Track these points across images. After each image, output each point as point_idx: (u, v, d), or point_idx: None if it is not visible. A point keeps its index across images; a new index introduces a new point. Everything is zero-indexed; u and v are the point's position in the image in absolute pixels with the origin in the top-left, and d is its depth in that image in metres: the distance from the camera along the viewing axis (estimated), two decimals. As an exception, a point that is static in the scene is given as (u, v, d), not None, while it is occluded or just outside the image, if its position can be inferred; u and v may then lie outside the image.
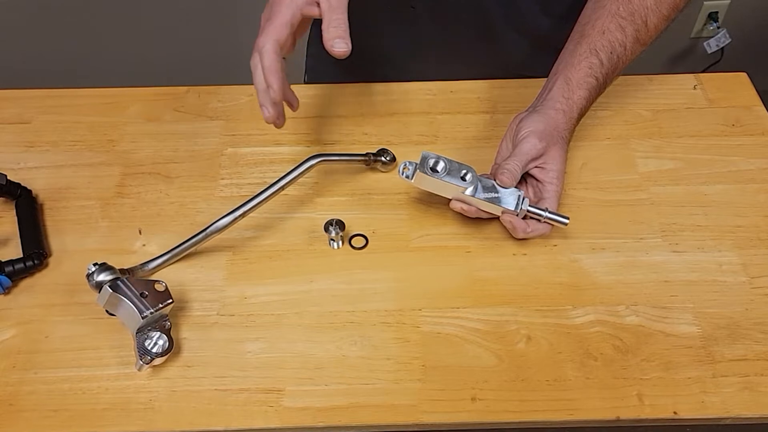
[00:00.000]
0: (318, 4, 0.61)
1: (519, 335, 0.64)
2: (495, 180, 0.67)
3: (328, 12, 0.61)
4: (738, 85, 0.85)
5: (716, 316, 0.65)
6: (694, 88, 0.85)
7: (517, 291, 0.67)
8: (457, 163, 0.66)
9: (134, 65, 1.77)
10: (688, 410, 0.59)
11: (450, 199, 0.68)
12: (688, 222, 0.72)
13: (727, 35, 1.79)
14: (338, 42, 0.61)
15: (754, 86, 0.85)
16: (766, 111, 0.82)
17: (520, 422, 0.59)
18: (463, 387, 0.61)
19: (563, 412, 0.59)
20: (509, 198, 0.67)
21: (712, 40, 1.81)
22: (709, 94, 0.84)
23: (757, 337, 0.63)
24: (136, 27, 1.73)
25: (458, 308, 0.66)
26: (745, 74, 0.86)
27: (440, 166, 0.65)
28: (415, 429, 0.60)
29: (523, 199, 0.66)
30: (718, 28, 1.80)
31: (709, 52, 1.83)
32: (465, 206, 0.67)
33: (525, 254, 0.70)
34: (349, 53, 0.61)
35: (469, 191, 0.66)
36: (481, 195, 0.66)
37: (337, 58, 0.61)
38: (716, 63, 1.86)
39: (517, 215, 0.67)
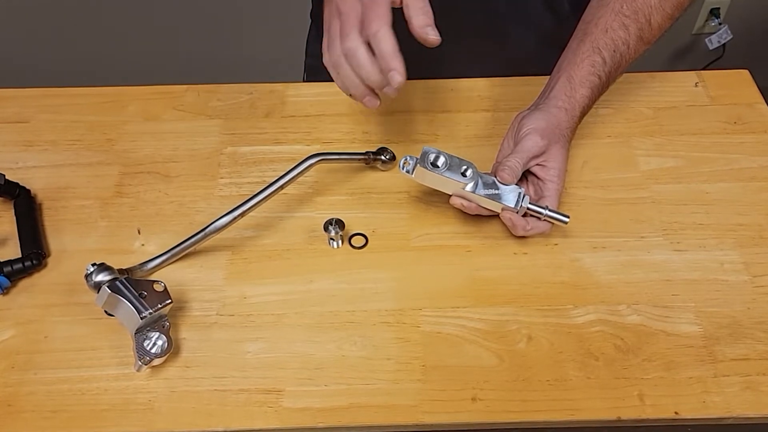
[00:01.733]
0: None
1: (520, 335, 0.64)
2: (495, 177, 0.67)
3: (412, 0, 0.59)
4: (740, 82, 0.85)
5: (718, 316, 0.64)
6: (696, 85, 0.84)
7: (517, 290, 0.67)
8: (458, 158, 0.65)
9: (133, 64, 1.77)
10: (690, 410, 0.59)
11: (450, 196, 0.67)
12: (689, 220, 0.71)
13: (729, 31, 1.78)
14: (430, 29, 0.59)
15: (756, 82, 0.84)
16: (767, 107, 0.81)
17: (520, 422, 0.59)
18: (464, 387, 0.60)
19: (564, 412, 0.59)
20: (509, 195, 0.66)
21: (713, 36, 1.80)
22: (710, 92, 0.84)
23: (759, 337, 0.63)
24: (135, 25, 1.72)
25: (459, 308, 0.65)
26: (747, 71, 0.85)
27: (441, 161, 0.65)
28: (416, 429, 0.60)
29: (524, 197, 0.66)
30: (720, 24, 1.79)
31: (711, 48, 1.82)
32: (465, 202, 0.67)
33: (526, 253, 0.69)
34: (440, 42, 0.59)
35: (469, 187, 0.66)
36: (482, 191, 0.66)
37: (429, 46, 0.59)
38: (718, 59, 1.86)
39: (517, 212, 0.66)
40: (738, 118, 0.81)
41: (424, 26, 0.59)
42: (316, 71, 1.01)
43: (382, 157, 0.76)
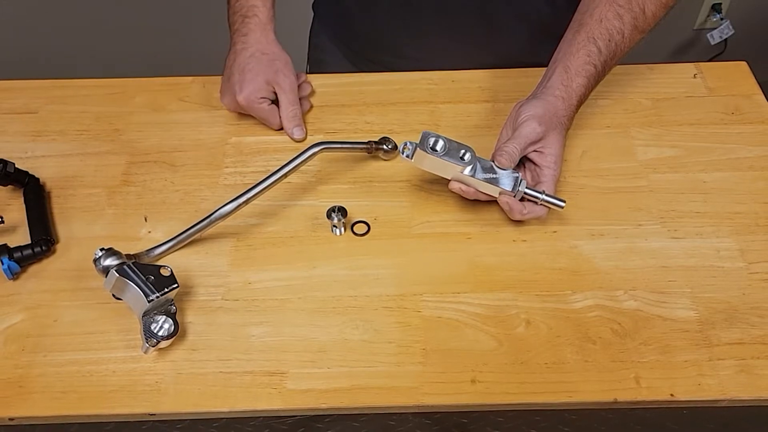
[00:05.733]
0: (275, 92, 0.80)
1: (519, 319, 0.65)
2: (493, 162, 0.68)
3: (285, 105, 0.79)
4: (738, 73, 0.86)
5: (713, 301, 0.65)
6: (694, 76, 0.85)
7: (517, 276, 0.68)
8: (456, 142, 0.67)
9: (140, 55, 1.78)
10: (685, 392, 0.60)
11: (449, 181, 0.69)
12: (686, 209, 0.72)
13: (731, 26, 1.79)
14: (296, 130, 0.79)
15: (757, 77, 0.85)
16: (765, 99, 0.82)
17: (519, 404, 0.61)
18: (464, 370, 0.62)
19: (562, 395, 0.60)
20: (507, 179, 0.67)
21: (715, 31, 1.81)
22: (709, 83, 0.84)
23: (753, 321, 0.64)
24: (141, 17, 1.74)
25: (459, 293, 0.67)
26: (744, 63, 0.86)
27: (439, 145, 0.66)
28: (416, 411, 0.61)
29: (521, 181, 0.67)
30: (722, 19, 1.80)
31: (713, 43, 1.83)
32: (463, 187, 0.68)
33: (525, 240, 0.71)
34: (305, 136, 0.80)
35: (467, 171, 0.67)
36: (480, 175, 0.67)
37: (297, 141, 0.80)
38: (720, 54, 1.86)
39: (514, 197, 0.67)
40: (736, 108, 0.82)
41: (291, 128, 0.79)
42: (319, 63, 1.02)
43: (384, 147, 0.77)
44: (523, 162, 0.71)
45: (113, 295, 0.64)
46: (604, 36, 0.69)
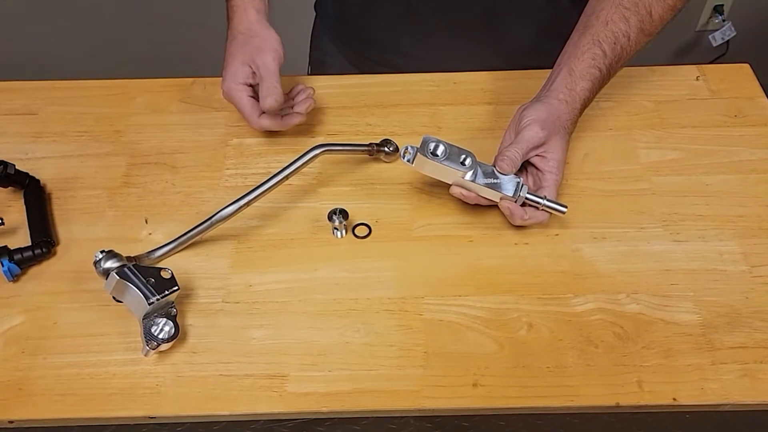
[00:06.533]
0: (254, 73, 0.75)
1: (520, 323, 0.64)
2: (495, 166, 0.68)
3: (262, 84, 0.74)
4: (741, 76, 0.85)
5: (716, 305, 0.65)
6: (697, 79, 0.85)
7: (518, 279, 0.68)
8: (457, 147, 0.66)
9: (140, 56, 1.78)
10: (688, 397, 0.60)
11: (450, 185, 0.68)
12: (689, 211, 0.72)
13: (733, 28, 1.78)
14: (269, 99, 0.73)
15: (760, 79, 0.85)
16: (768, 102, 0.82)
17: (520, 408, 0.60)
18: (465, 373, 0.61)
19: (563, 398, 0.60)
20: (508, 184, 0.67)
21: (717, 33, 1.81)
22: (711, 85, 0.84)
23: (756, 325, 0.64)
24: (142, 18, 1.74)
25: (460, 296, 0.66)
26: (747, 65, 0.86)
27: (440, 150, 0.66)
28: (417, 414, 0.61)
29: (522, 186, 0.67)
30: (724, 21, 1.79)
31: (715, 45, 1.82)
32: (464, 191, 0.68)
33: (527, 243, 0.70)
34: (277, 106, 0.74)
35: (468, 176, 0.66)
36: (481, 180, 0.67)
37: (267, 111, 0.75)
38: (722, 56, 1.86)
39: (515, 202, 0.67)
40: (738, 111, 0.81)
41: (265, 98, 0.73)
42: (320, 64, 1.02)
43: (386, 149, 0.77)
44: (525, 166, 0.71)
45: (113, 298, 0.64)
46: (609, 39, 0.69)
